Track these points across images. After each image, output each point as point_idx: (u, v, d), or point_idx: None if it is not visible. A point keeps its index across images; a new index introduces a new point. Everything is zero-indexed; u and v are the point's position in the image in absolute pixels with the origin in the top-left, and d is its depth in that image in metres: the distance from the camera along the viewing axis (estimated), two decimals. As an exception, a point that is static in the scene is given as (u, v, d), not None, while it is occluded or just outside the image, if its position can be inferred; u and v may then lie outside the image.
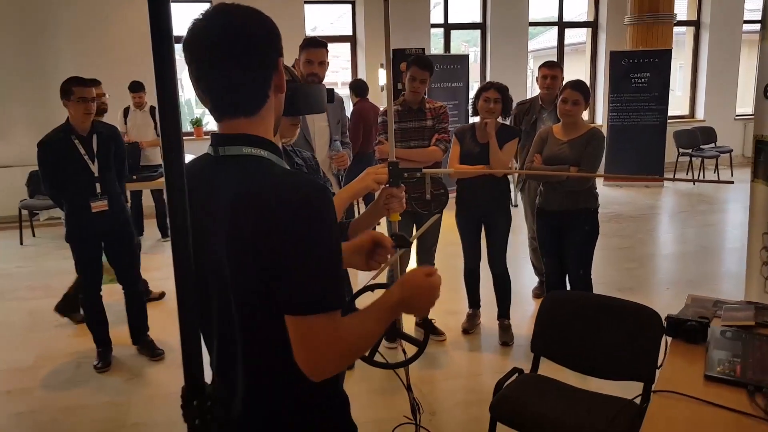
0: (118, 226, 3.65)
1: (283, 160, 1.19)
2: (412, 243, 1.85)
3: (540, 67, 4.39)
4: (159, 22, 0.71)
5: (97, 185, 3.51)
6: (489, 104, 3.55)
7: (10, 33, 7.31)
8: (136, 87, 6.28)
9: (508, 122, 3.96)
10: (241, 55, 1.08)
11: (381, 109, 3.94)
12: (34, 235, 6.96)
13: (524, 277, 4.94)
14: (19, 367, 3.70)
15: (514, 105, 3.82)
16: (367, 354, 1.59)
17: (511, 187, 5.20)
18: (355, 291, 1.74)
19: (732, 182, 2.05)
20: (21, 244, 6.64)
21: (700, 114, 10.31)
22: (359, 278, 3.55)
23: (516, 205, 6.16)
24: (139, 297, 3.82)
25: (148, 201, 6.72)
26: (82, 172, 3.47)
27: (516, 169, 4.61)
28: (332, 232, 1.07)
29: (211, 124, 8.06)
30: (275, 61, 1.13)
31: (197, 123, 8.18)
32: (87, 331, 4.03)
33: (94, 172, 3.50)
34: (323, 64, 3.30)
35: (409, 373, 1.96)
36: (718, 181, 4.33)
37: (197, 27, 1.11)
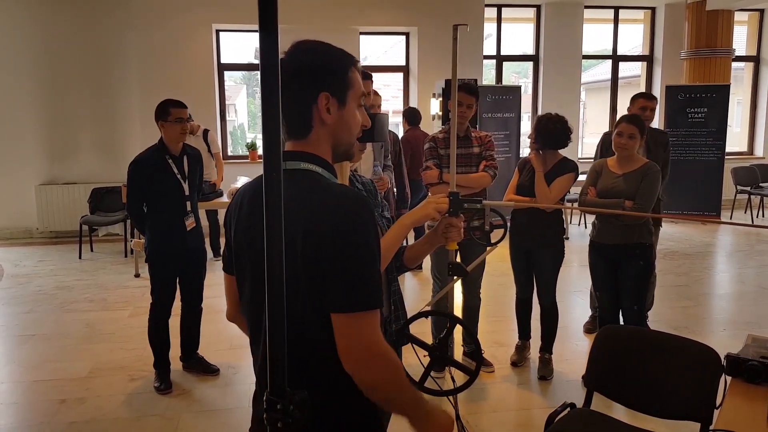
0: (198, 244, 3.77)
1: (335, 177, 1.31)
2: (468, 273, 1.87)
3: (637, 98, 4.21)
4: (267, 53, 0.77)
5: (187, 204, 3.64)
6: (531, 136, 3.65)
7: (80, 58, 7.75)
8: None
9: (580, 152, 3.92)
10: (286, 88, 1.23)
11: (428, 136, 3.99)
12: (92, 250, 7.25)
13: (574, 311, 4.86)
14: (74, 377, 3.82)
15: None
16: (417, 380, 1.61)
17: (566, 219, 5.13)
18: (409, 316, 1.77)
19: (715, 218, 1.98)
20: (80, 258, 6.92)
21: (759, 151, 10.02)
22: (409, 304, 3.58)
23: (568, 238, 6.08)
24: (199, 315, 3.89)
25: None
26: (175, 190, 3.58)
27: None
28: (373, 237, 1.19)
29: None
30: (314, 96, 1.25)
31: (252, 147, 8.43)
32: (139, 345, 4.18)
33: (185, 191, 3.62)
34: (373, 95, 3.70)
35: (457, 401, 1.96)
36: (702, 216, 4.19)
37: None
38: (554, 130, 3.57)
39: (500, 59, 9.51)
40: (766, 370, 1.85)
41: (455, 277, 1.88)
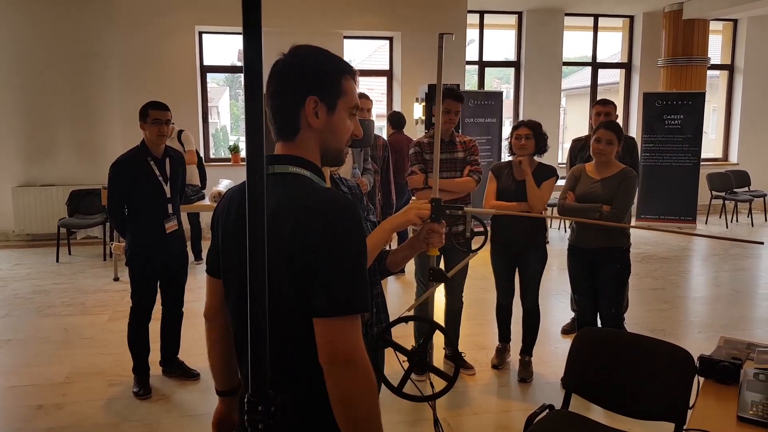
0: (179, 248, 3.74)
1: (323, 181, 1.31)
2: (449, 278, 1.88)
3: (594, 105, 4.40)
4: (251, 56, 0.78)
5: (169, 206, 3.60)
6: (520, 141, 3.62)
7: (59, 58, 7.65)
8: None
9: (560, 158, 3.97)
10: (277, 89, 1.27)
11: (413, 140, 4.02)
12: (70, 253, 7.16)
13: (554, 314, 4.92)
14: (51, 383, 3.76)
15: (568, 141, 3.83)
16: (396, 386, 1.62)
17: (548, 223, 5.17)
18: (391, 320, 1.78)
19: (762, 243, 2.04)
20: (57, 261, 6.84)
21: (733, 157, 10.23)
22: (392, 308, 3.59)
23: (548, 242, 6.14)
24: (179, 319, 3.86)
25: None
26: (156, 193, 3.54)
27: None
28: (360, 242, 1.19)
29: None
30: (302, 99, 1.26)
31: (234, 149, 8.40)
32: (118, 350, 4.14)
33: (167, 193, 3.58)
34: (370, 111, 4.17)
35: (435, 407, 1.97)
36: (747, 241, 4.27)
37: (275, 62, 1.30)
38: (545, 136, 3.67)
39: (482, 65, 9.60)
40: (737, 371, 1.90)
41: (435, 283, 1.89)
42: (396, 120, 6.65)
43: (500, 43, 11.37)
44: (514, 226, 3.68)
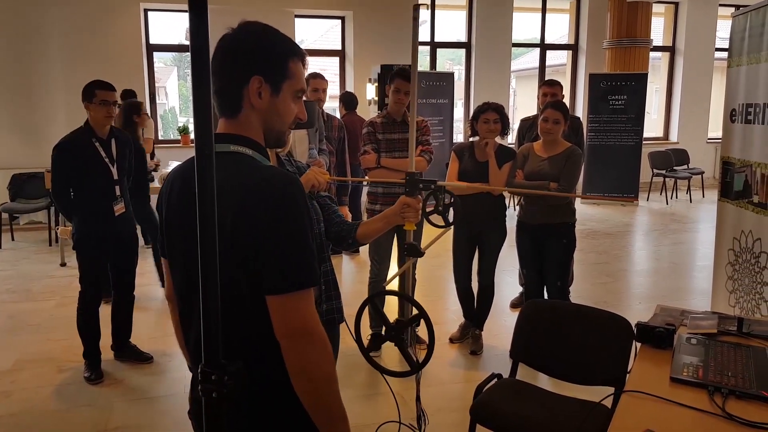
0: (128, 231, 3.67)
1: (267, 159, 1.30)
2: (424, 253, 1.90)
3: (541, 86, 4.51)
4: (197, 34, 0.77)
5: (116, 188, 3.53)
6: (489, 125, 3.65)
7: (-3, 36, 7.30)
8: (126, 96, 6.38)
9: (510, 138, 4.01)
10: (221, 66, 1.25)
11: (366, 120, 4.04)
12: (13, 239, 6.92)
13: (503, 289, 5.05)
14: (-2, 370, 3.68)
15: (517, 122, 3.89)
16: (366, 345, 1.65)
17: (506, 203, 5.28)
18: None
19: (633, 200, 2.17)
20: (0, 247, 6.59)
21: (674, 137, 10.64)
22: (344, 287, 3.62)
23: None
24: (131, 304, 3.82)
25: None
26: (103, 174, 3.47)
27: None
28: (307, 216, 1.20)
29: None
30: (246, 78, 1.24)
31: (184, 131, 8.22)
32: (67, 336, 4.05)
33: (114, 175, 3.51)
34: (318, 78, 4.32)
35: (419, 384, 2.02)
36: (621, 198, 4.47)
37: (222, 36, 1.27)
38: (508, 118, 3.75)
39: (434, 46, 9.64)
40: (670, 336, 2.02)
41: (411, 258, 1.90)
42: (348, 100, 6.64)
43: (452, 24, 11.39)
44: (474, 207, 3.74)
